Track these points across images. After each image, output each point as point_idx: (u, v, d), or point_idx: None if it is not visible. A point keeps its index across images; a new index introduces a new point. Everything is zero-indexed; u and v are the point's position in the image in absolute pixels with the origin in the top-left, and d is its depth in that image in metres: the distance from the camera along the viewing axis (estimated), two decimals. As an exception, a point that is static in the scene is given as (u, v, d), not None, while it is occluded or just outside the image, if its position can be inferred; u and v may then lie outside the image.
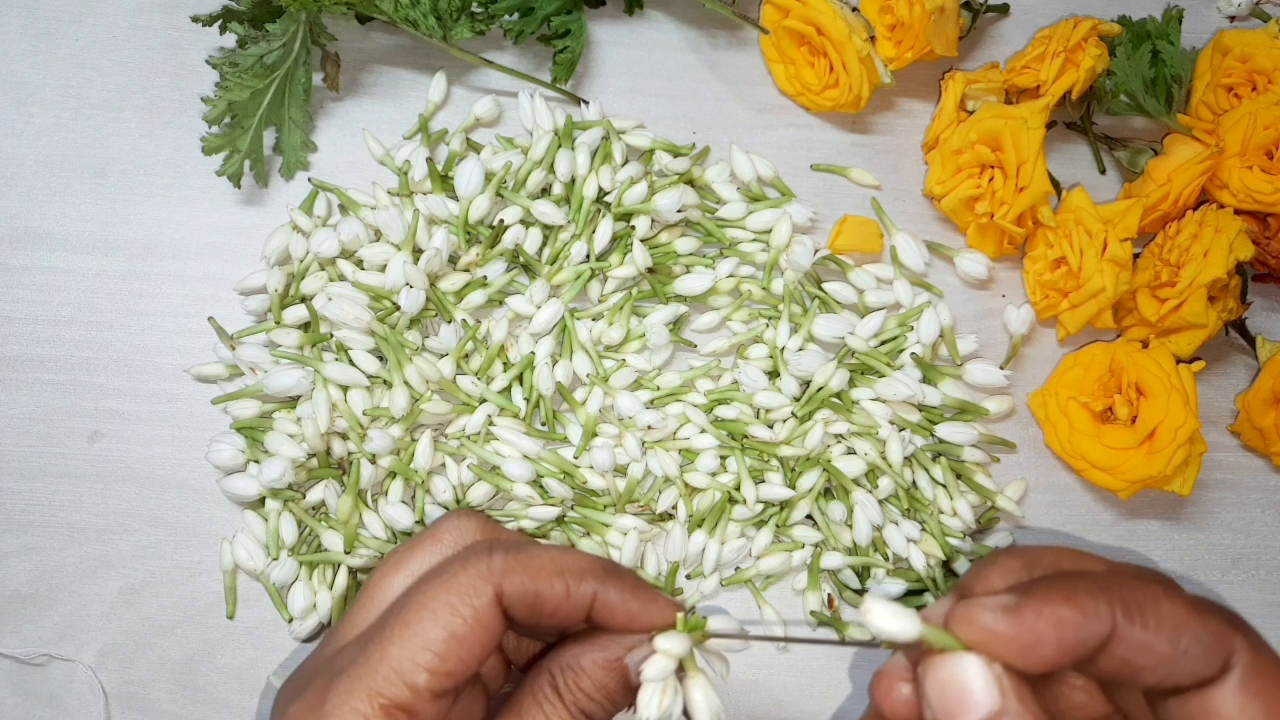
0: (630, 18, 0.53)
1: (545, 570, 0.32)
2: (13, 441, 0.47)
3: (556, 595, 0.32)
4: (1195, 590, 0.50)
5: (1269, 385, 0.49)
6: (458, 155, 0.50)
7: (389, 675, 0.30)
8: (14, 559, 0.46)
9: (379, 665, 0.30)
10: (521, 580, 0.32)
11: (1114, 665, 0.29)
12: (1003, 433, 0.50)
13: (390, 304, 0.46)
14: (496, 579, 0.31)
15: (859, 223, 0.50)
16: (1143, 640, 0.28)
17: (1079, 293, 0.48)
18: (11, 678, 0.46)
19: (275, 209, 0.50)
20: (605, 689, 0.32)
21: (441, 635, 0.31)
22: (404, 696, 0.30)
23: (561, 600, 0.32)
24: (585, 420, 0.47)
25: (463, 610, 0.31)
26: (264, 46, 0.47)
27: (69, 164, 0.50)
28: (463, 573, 0.32)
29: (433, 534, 0.36)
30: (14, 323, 0.48)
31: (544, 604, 0.32)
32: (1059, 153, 0.53)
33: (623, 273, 0.48)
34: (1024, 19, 0.54)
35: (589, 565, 0.33)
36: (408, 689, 0.30)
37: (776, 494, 0.47)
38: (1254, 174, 0.48)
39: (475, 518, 0.37)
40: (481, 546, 0.33)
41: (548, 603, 0.32)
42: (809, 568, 0.47)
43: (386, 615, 0.33)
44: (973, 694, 0.28)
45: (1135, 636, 0.28)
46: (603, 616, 0.33)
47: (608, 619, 0.33)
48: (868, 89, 0.49)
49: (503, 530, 0.38)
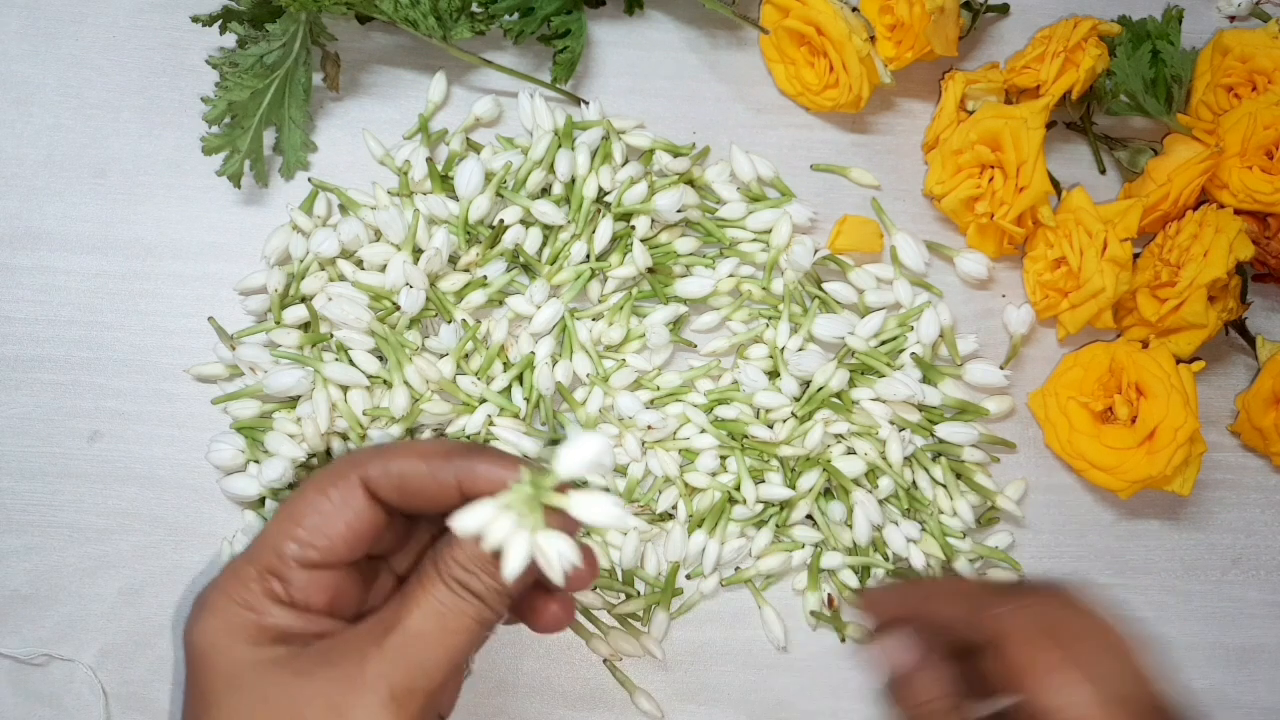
0: (630, 18, 0.53)
1: (404, 453, 0.34)
2: (13, 441, 0.47)
3: (420, 474, 0.33)
4: (1195, 590, 0.50)
5: (1269, 385, 0.49)
6: (458, 155, 0.50)
7: (263, 548, 0.33)
8: (14, 559, 0.46)
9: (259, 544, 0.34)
10: (383, 464, 0.33)
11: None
12: (1003, 433, 0.50)
13: (390, 304, 0.46)
14: (361, 467, 0.34)
15: (859, 223, 0.50)
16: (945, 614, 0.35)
17: (1079, 293, 0.48)
18: (11, 678, 0.46)
19: (275, 209, 0.50)
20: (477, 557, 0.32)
21: (306, 511, 0.33)
22: (272, 562, 0.33)
23: (427, 479, 0.33)
24: (585, 420, 0.47)
25: (328, 491, 0.33)
26: (264, 46, 0.47)
27: (69, 164, 0.50)
28: (330, 466, 0.34)
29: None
30: (14, 323, 0.48)
31: (410, 484, 0.33)
32: (1059, 153, 0.53)
33: (623, 273, 0.48)
34: (1024, 19, 0.54)
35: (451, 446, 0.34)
36: (276, 556, 0.33)
37: (776, 494, 0.47)
38: (1254, 174, 0.48)
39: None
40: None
41: (413, 482, 0.33)
42: (809, 568, 0.47)
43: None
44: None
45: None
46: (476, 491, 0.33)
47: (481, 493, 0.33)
48: (868, 89, 0.49)
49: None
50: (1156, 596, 0.50)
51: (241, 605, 0.33)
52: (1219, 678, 0.49)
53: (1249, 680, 0.49)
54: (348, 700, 0.31)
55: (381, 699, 0.31)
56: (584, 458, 0.30)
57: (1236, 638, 0.50)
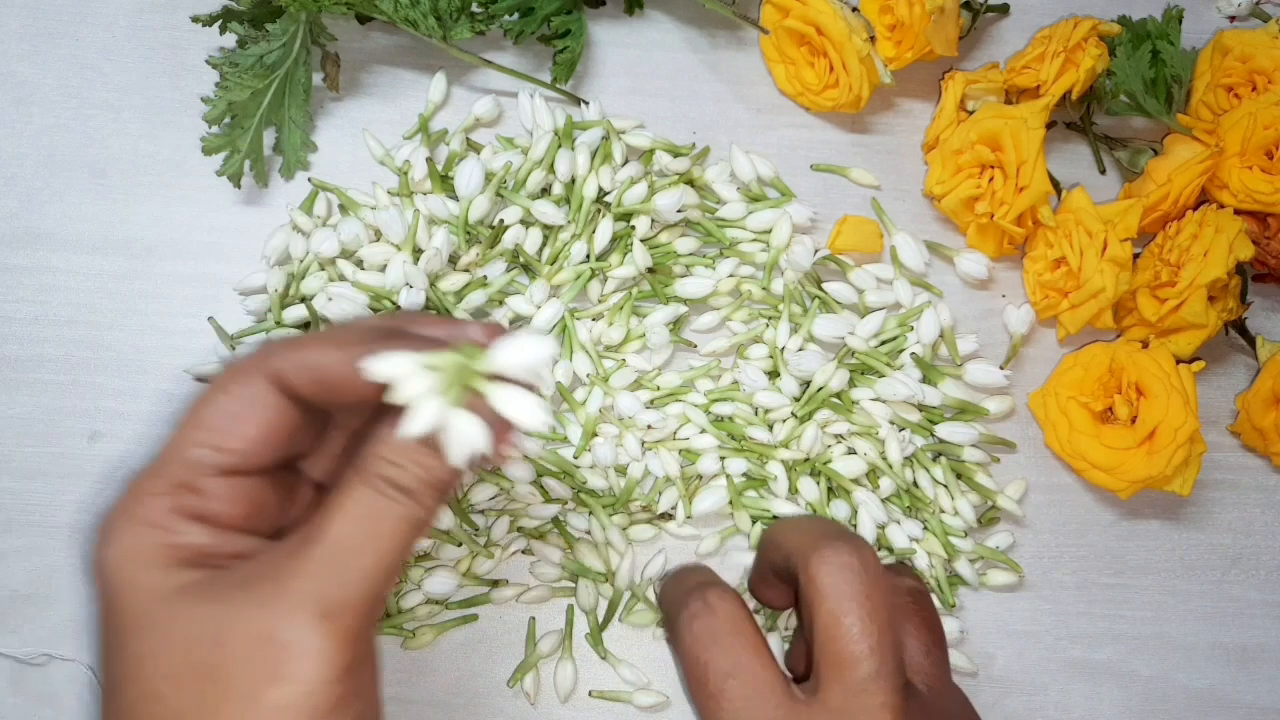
0: (630, 18, 0.53)
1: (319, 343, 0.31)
2: (13, 441, 0.47)
3: (335, 364, 0.30)
4: (1195, 590, 0.50)
5: (1269, 385, 0.49)
6: (458, 155, 0.50)
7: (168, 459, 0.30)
8: (14, 559, 0.46)
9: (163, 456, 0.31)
10: (296, 356, 0.31)
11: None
12: (1003, 433, 0.50)
13: (390, 304, 0.46)
14: (269, 361, 0.31)
15: (859, 223, 0.50)
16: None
17: (1079, 293, 0.48)
18: (11, 678, 0.46)
19: (275, 209, 0.50)
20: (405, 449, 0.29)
21: (212, 414, 0.31)
22: (181, 474, 0.30)
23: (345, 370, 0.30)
24: (585, 420, 0.47)
25: (235, 390, 0.31)
26: (264, 46, 0.47)
27: (69, 164, 0.50)
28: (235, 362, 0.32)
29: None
30: (14, 323, 0.48)
31: (329, 378, 0.30)
32: (1059, 153, 0.53)
33: (623, 273, 0.48)
34: (1024, 19, 0.54)
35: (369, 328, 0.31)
36: (183, 465, 0.30)
37: (783, 511, 0.47)
38: (1254, 174, 0.48)
39: None
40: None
41: (332, 375, 0.30)
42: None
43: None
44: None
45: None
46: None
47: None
48: (868, 89, 0.49)
49: None
50: (1156, 596, 0.50)
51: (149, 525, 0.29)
52: (1219, 678, 0.49)
53: (1249, 680, 0.49)
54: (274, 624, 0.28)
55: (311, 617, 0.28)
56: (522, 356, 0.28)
57: (1236, 638, 0.50)
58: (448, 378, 0.28)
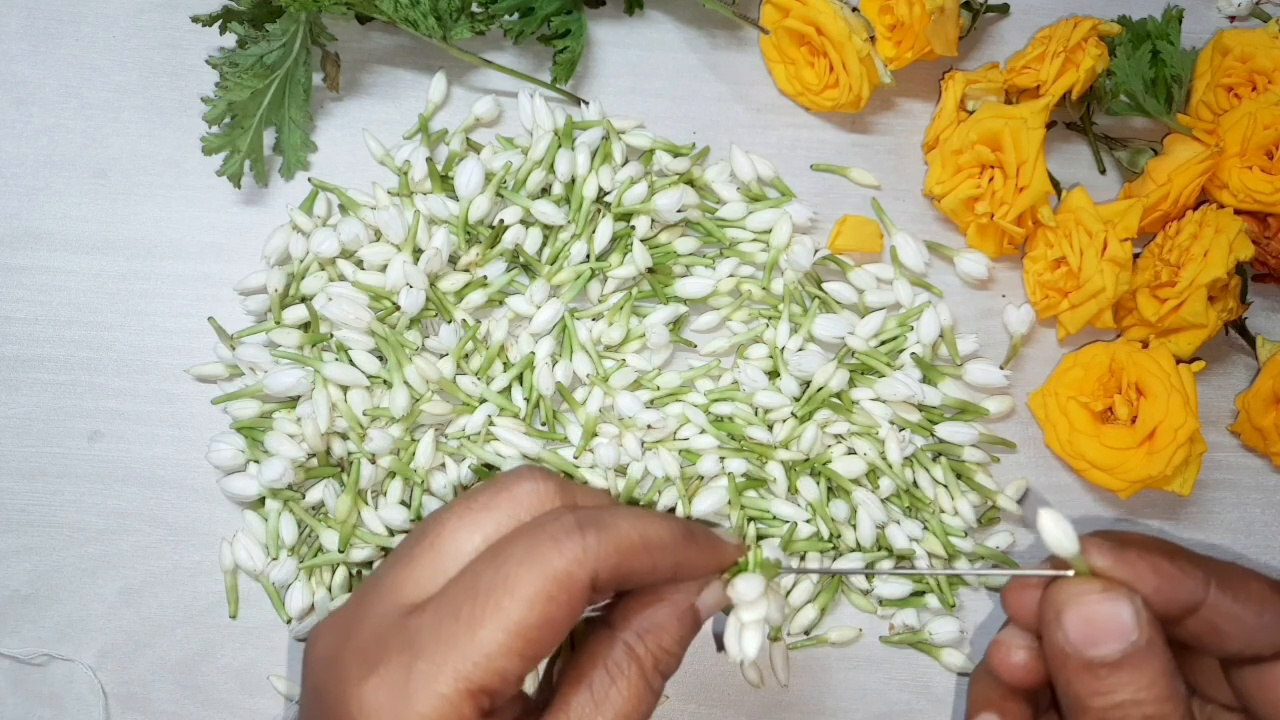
0: (630, 18, 0.53)
1: (635, 549, 0.31)
2: (13, 441, 0.47)
3: (643, 571, 0.32)
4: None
5: (1269, 385, 0.49)
6: (458, 155, 0.50)
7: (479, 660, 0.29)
8: (14, 559, 0.46)
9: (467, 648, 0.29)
10: (615, 563, 0.31)
11: (1201, 629, 0.33)
12: (1003, 433, 0.50)
13: (390, 304, 0.46)
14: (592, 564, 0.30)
15: (859, 223, 0.50)
16: (1232, 610, 0.32)
17: (1079, 293, 0.48)
18: (11, 678, 0.46)
19: (275, 209, 0.50)
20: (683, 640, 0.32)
21: (536, 622, 0.29)
22: (492, 682, 0.29)
23: (647, 574, 0.32)
24: (585, 420, 0.47)
25: (559, 597, 0.30)
26: (264, 46, 0.47)
27: (69, 164, 0.50)
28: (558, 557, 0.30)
29: (509, 493, 0.34)
30: (14, 323, 0.48)
31: (629, 580, 0.32)
32: (1059, 153, 0.53)
33: (623, 273, 0.48)
34: (1024, 19, 0.54)
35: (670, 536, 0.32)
36: (497, 675, 0.29)
37: (782, 511, 0.47)
38: (1254, 174, 0.48)
39: (552, 479, 0.34)
40: (568, 522, 0.31)
41: (633, 579, 0.32)
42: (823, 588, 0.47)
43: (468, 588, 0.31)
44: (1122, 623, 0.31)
45: (1226, 605, 0.32)
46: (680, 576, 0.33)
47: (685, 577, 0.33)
48: (868, 89, 0.49)
49: (578, 490, 0.35)
50: (1156, 596, 0.50)
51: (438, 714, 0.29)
52: (1219, 678, 0.49)
53: (1249, 680, 0.49)
54: None
55: None
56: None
57: (1236, 638, 0.50)
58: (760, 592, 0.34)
